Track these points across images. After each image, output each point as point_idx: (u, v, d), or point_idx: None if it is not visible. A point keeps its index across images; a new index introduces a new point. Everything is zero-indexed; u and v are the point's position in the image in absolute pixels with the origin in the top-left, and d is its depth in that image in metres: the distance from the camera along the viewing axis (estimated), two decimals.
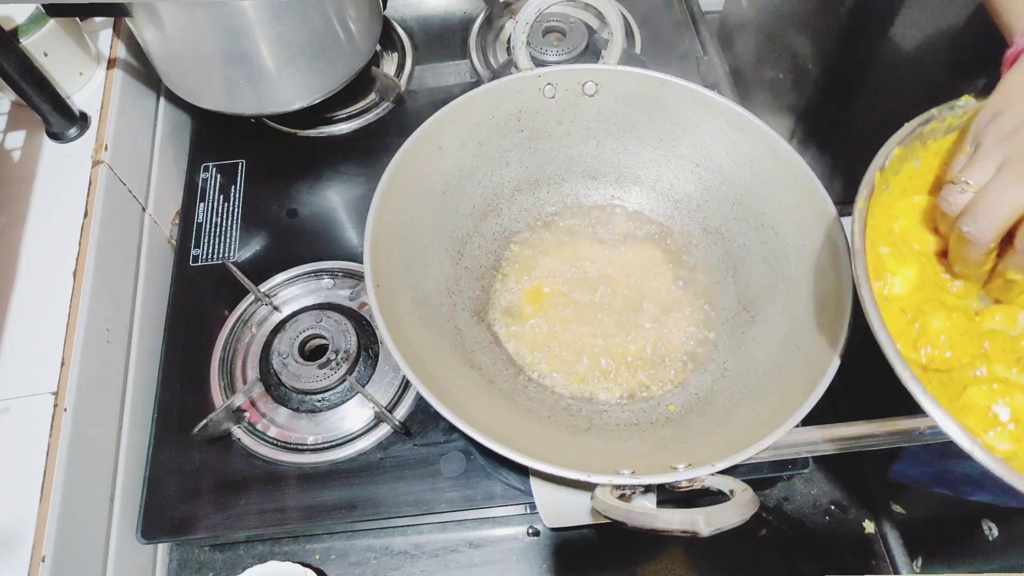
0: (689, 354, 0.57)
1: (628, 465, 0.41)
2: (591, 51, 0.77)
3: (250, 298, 0.64)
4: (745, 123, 0.55)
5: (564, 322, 0.58)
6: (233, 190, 0.72)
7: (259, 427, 0.59)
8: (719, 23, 0.92)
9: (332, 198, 0.72)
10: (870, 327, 0.36)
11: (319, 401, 0.59)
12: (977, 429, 0.36)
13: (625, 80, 0.58)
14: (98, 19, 0.72)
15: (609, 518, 0.39)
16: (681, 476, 0.40)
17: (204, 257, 0.68)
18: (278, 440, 0.58)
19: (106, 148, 0.64)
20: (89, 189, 0.61)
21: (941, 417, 0.33)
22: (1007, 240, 0.37)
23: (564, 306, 0.59)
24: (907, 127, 0.43)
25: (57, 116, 0.63)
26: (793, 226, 0.53)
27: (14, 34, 0.61)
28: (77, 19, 0.67)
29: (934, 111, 0.44)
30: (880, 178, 0.42)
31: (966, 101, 0.44)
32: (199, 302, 0.65)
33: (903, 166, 0.44)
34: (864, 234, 0.39)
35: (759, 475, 0.56)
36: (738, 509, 0.37)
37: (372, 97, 0.78)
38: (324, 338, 0.61)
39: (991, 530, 0.55)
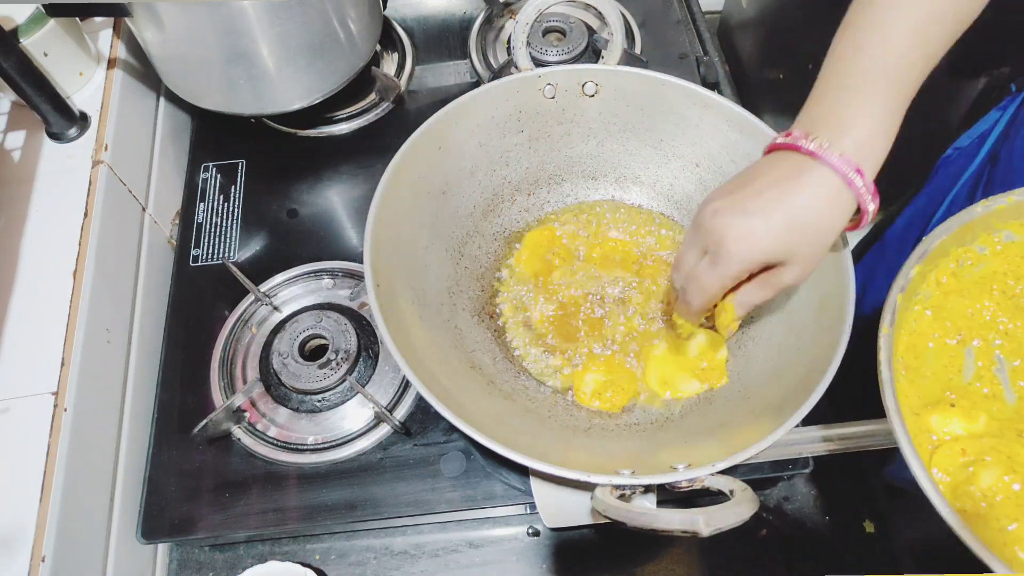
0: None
1: (628, 465, 0.41)
2: (591, 51, 0.77)
3: (250, 298, 0.64)
4: (745, 123, 0.55)
5: (565, 322, 0.58)
6: (233, 190, 0.72)
7: (259, 427, 0.59)
8: (719, 23, 0.92)
9: (332, 198, 0.72)
10: (908, 465, 0.36)
11: (319, 401, 0.59)
12: None
13: (625, 80, 0.58)
14: (98, 19, 0.72)
15: (609, 518, 0.39)
16: (681, 476, 0.40)
17: (204, 257, 0.68)
18: (278, 440, 0.58)
19: (106, 148, 0.64)
20: (89, 189, 0.61)
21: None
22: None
23: (564, 306, 0.59)
24: (922, 245, 0.42)
25: (57, 116, 0.63)
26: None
27: (14, 34, 0.61)
28: (77, 19, 0.67)
29: (951, 223, 0.42)
30: (903, 299, 0.41)
31: (983, 206, 0.43)
32: (199, 302, 0.65)
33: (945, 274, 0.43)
34: (891, 363, 0.38)
35: (759, 475, 0.56)
36: (738, 509, 0.37)
37: (372, 97, 0.78)
38: (324, 338, 0.61)
39: None
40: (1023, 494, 0.38)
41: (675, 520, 0.37)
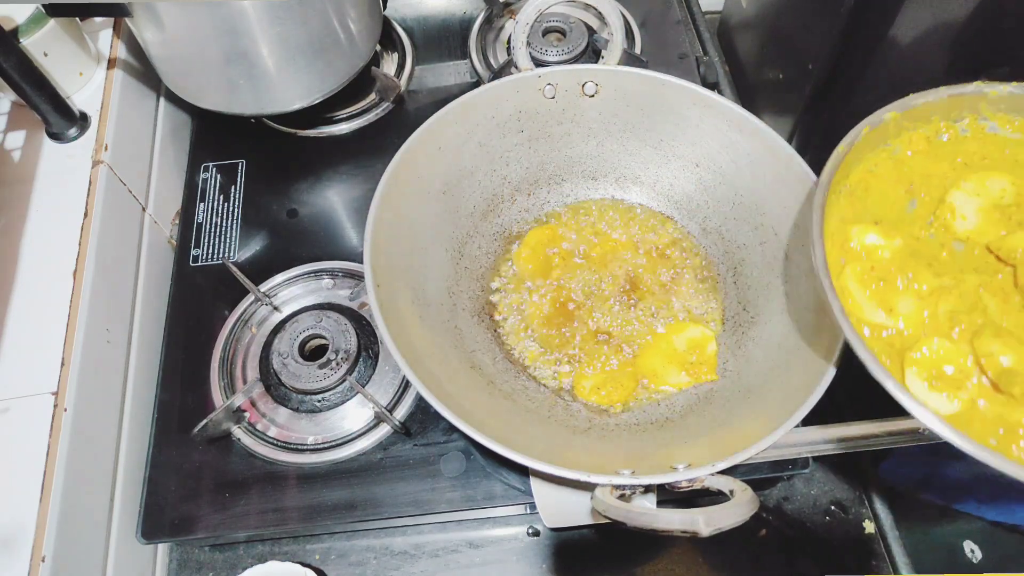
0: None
1: (628, 465, 0.41)
2: (591, 51, 0.77)
3: (250, 298, 0.64)
4: (745, 123, 0.55)
5: (564, 321, 0.58)
6: (233, 190, 0.72)
7: (259, 427, 0.59)
8: (719, 23, 0.92)
9: (332, 198, 0.72)
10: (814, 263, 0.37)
11: (319, 401, 0.59)
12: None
13: (625, 80, 0.58)
14: (98, 19, 0.72)
15: (609, 518, 0.39)
16: (681, 476, 0.40)
17: (204, 257, 0.68)
18: (278, 440, 0.58)
19: (106, 148, 0.64)
20: (89, 189, 0.61)
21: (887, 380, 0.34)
22: None
23: (565, 306, 0.59)
24: (907, 99, 0.43)
25: (57, 116, 0.63)
26: (793, 226, 0.53)
27: (14, 34, 0.61)
28: (77, 19, 0.67)
29: (943, 87, 0.44)
30: (872, 135, 0.42)
31: (977, 86, 0.44)
32: (199, 302, 0.65)
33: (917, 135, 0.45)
34: (834, 173, 0.40)
35: (759, 475, 0.56)
36: (738, 509, 0.37)
37: (372, 97, 0.78)
38: (324, 338, 0.61)
39: (973, 552, 0.55)
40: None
41: (675, 520, 0.37)
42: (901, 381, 0.37)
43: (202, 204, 0.71)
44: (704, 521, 0.36)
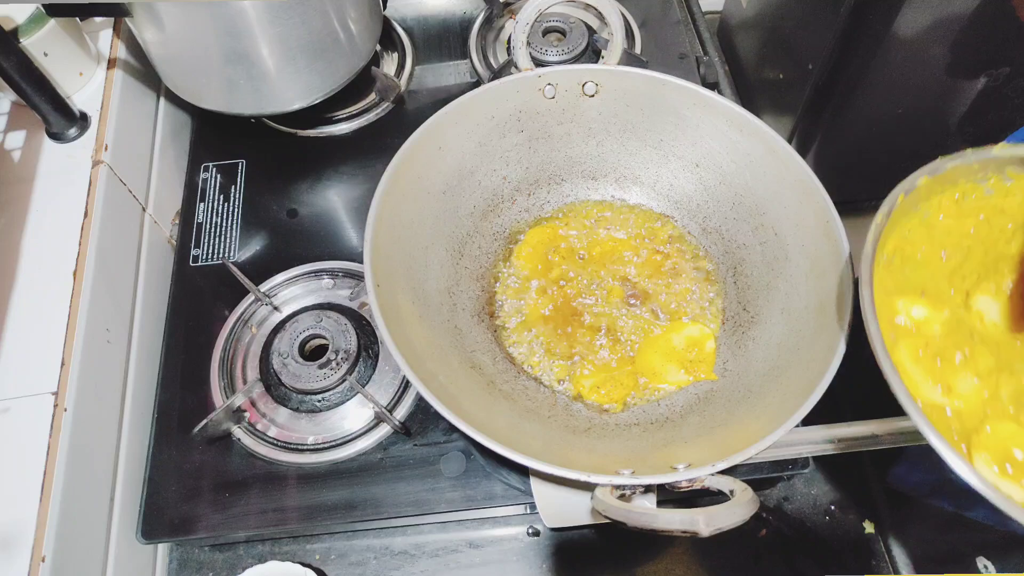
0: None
1: (628, 465, 0.41)
2: (591, 51, 0.77)
3: (250, 298, 0.64)
4: (745, 123, 0.55)
5: (564, 321, 0.58)
6: (233, 190, 0.72)
7: (259, 427, 0.59)
8: (719, 23, 0.92)
9: (332, 198, 0.72)
10: (870, 342, 0.37)
11: (319, 401, 0.59)
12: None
13: (625, 80, 0.58)
14: (98, 19, 0.72)
15: (609, 518, 0.39)
16: (681, 476, 0.40)
17: (204, 257, 0.68)
18: (278, 440, 0.58)
19: (106, 148, 0.64)
20: (89, 189, 0.61)
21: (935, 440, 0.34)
22: None
23: (565, 306, 0.59)
24: (936, 163, 0.43)
25: (57, 116, 0.63)
26: (793, 226, 0.53)
27: (14, 34, 0.61)
28: (77, 19, 0.67)
29: (969, 151, 0.44)
30: (905, 201, 0.42)
31: (1000, 149, 0.44)
32: (199, 302, 0.65)
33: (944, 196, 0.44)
34: (877, 243, 0.40)
35: (759, 475, 0.56)
36: (738, 509, 0.37)
37: (372, 97, 0.78)
38: (324, 338, 0.61)
39: (987, 568, 0.55)
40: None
41: (675, 520, 0.37)
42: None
43: (202, 204, 0.71)
44: (704, 521, 0.36)
